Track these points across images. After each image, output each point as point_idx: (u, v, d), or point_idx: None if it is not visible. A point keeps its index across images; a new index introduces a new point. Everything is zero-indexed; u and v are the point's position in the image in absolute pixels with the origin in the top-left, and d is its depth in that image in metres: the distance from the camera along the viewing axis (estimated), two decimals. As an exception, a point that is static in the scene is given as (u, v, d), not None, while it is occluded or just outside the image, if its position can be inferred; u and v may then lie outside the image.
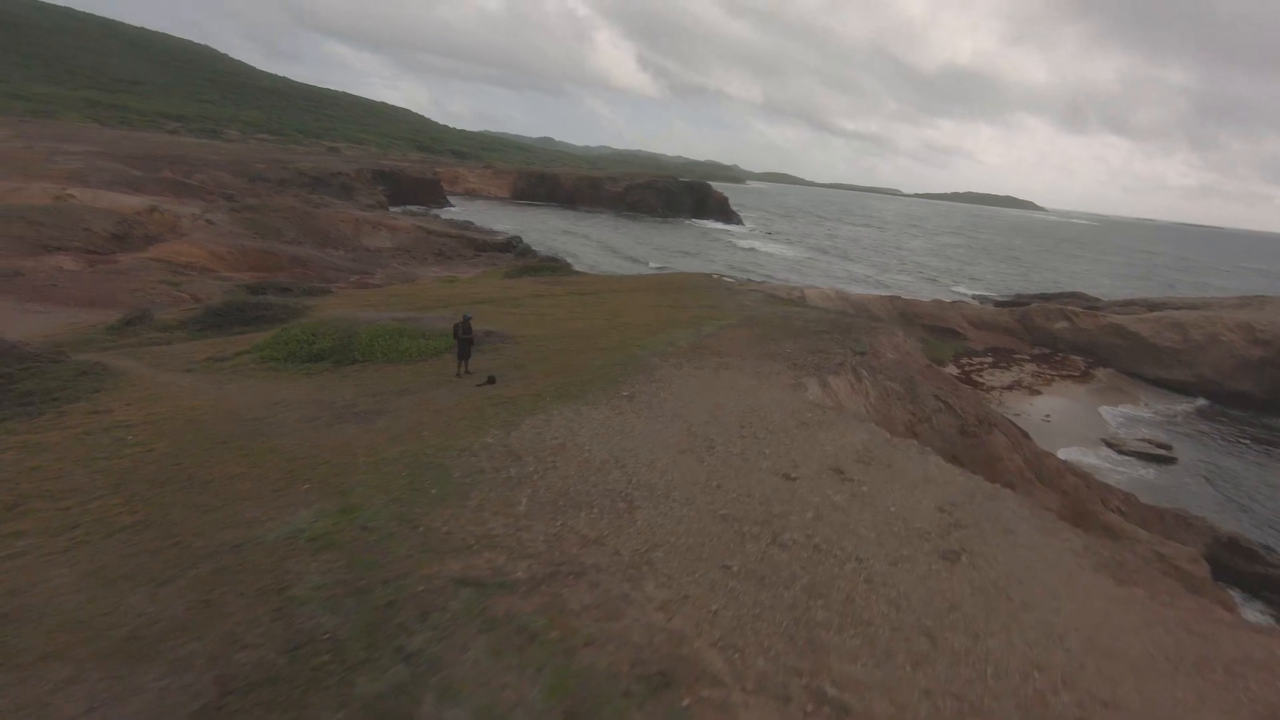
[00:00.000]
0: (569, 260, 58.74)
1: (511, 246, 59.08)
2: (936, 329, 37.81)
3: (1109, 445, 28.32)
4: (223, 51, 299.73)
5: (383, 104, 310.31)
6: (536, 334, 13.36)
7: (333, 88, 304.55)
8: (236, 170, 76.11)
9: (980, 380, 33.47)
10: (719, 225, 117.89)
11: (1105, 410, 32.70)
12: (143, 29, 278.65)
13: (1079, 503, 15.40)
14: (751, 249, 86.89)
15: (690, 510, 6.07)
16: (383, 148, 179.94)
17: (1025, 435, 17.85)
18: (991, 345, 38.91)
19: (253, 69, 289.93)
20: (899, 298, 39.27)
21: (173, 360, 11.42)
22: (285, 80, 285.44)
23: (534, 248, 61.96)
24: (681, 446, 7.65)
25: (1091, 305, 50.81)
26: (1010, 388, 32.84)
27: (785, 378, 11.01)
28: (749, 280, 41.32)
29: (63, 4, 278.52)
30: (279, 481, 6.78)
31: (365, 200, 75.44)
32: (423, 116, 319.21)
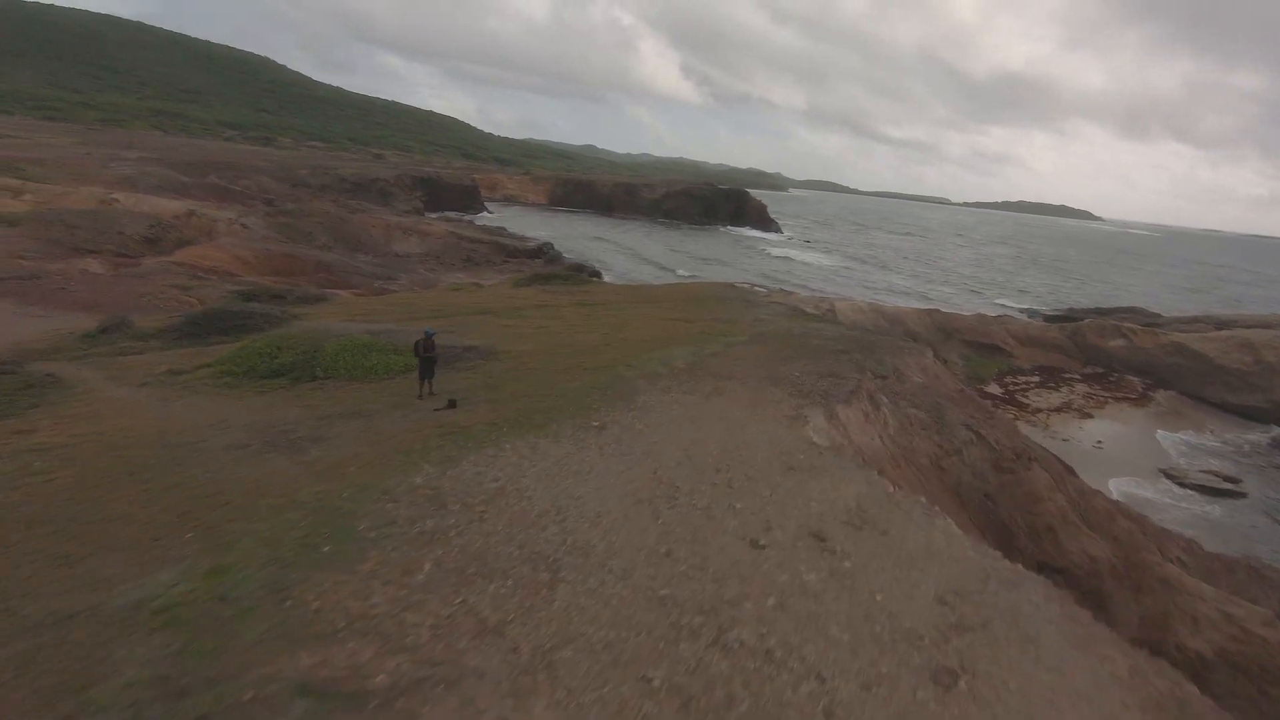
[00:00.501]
0: (597, 267, 58.17)
1: (541, 253, 58.71)
2: (979, 345, 35.61)
3: (1168, 477, 25.87)
4: (281, 63, 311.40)
5: (429, 112, 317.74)
6: (524, 349, 12.38)
7: (383, 97, 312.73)
8: (280, 176, 77.98)
9: (1025, 401, 31.22)
10: (756, 233, 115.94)
11: (1164, 437, 30.08)
12: (207, 42, 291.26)
13: (1132, 551, 13.58)
14: (786, 257, 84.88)
15: (624, 588, 4.92)
16: (427, 154, 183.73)
17: (1070, 471, 16.02)
18: (1039, 363, 36.45)
19: (308, 79, 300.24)
20: (938, 311, 37.17)
21: (133, 372, 10.82)
22: (338, 90, 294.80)
23: (564, 254, 61.51)
24: (640, 495, 6.49)
25: (1151, 322, 47.50)
26: (1059, 410, 30.51)
27: (785, 407, 9.72)
28: (778, 290, 39.70)
29: (135, 19, 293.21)
30: (164, 527, 5.88)
31: (402, 206, 76.33)
32: (467, 124, 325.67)
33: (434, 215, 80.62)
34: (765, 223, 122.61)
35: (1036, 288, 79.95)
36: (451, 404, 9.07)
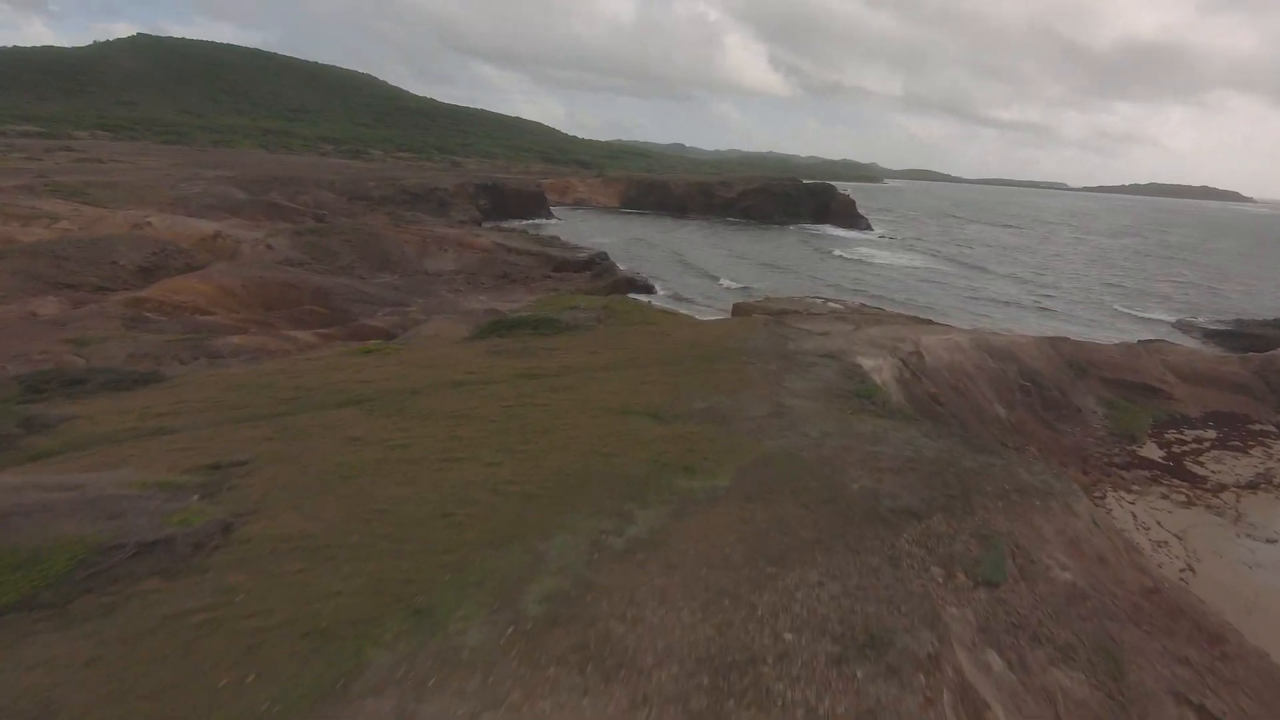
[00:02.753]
0: (650, 280, 52.43)
1: (592, 265, 53.65)
2: (1124, 385, 26.90)
3: None
4: (381, 79, 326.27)
5: (516, 118, 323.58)
6: (289, 532, 6.75)
7: (477, 105, 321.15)
8: (344, 189, 77.42)
9: (1200, 470, 22.51)
10: (840, 231, 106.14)
11: None
12: (315, 63, 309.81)
13: None
14: (866, 260, 75.47)
15: None
16: (509, 160, 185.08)
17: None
18: (1213, 409, 27.16)
19: (404, 92, 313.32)
20: (1065, 340, 28.62)
21: None
22: (430, 101, 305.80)
23: (617, 265, 56.17)
24: None
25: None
26: (1254, 486, 21.61)
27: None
28: (838, 309, 32.23)
29: (251, 46, 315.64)
30: None
31: (459, 216, 73.86)
32: (551, 128, 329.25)
33: (493, 224, 77.67)
34: (853, 219, 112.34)
35: (1187, 293, 66.48)
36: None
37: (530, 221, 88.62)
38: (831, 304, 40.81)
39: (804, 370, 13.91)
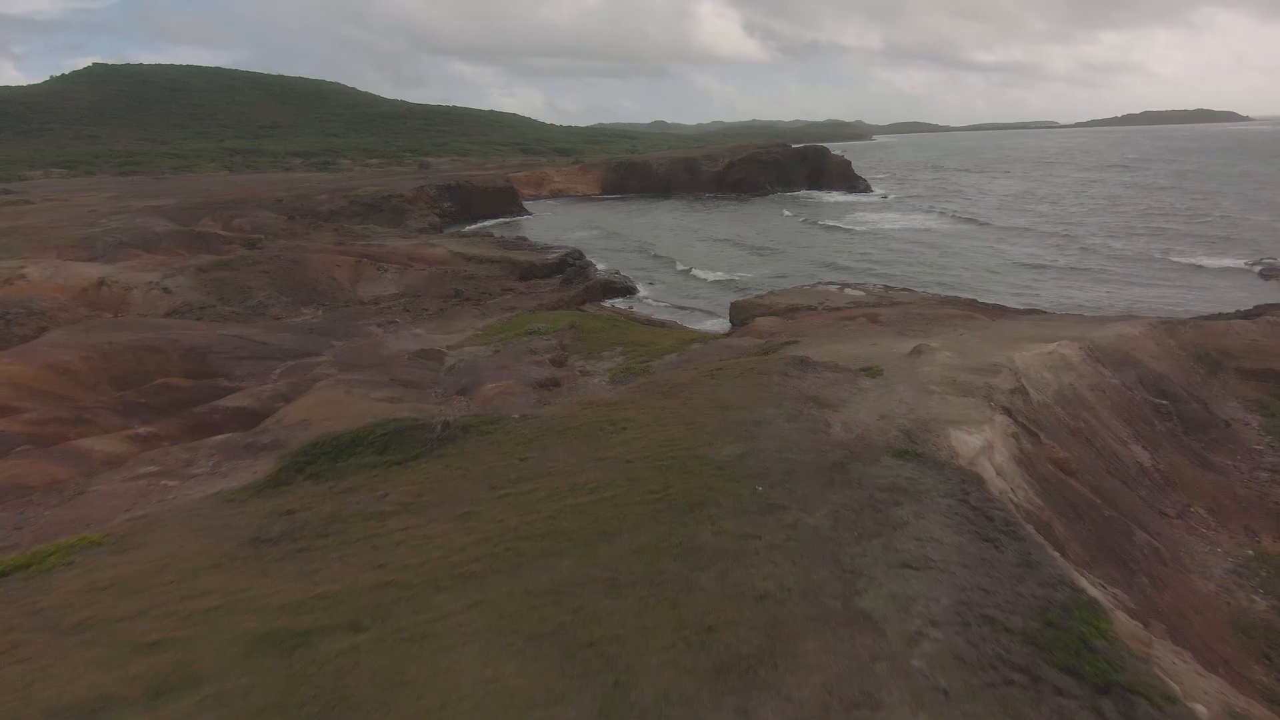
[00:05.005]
0: (631, 278, 45.11)
1: (564, 266, 46.43)
2: (1273, 376, 19.68)
3: None
4: (356, 86, 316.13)
5: (491, 112, 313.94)
6: None
7: (454, 104, 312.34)
8: (292, 207, 70.20)
9: None
10: (839, 196, 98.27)
11: None
12: (281, 76, 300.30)
13: None
14: (871, 230, 67.76)
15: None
16: (485, 156, 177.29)
17: None
18: (1395, 399, 19.95)
19: (374, 97, 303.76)
20: (1180, 323, 21.24)
21: None
22: (402, 104, 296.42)
23: (594, 264, 48.93)
24: None
25: None
26: None
27: None
28: (859, 296, 24.46)
29: (214, 65, 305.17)
30: None
31: (416, 224, 66.45)
32: (528, 119, 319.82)
33: (455, 230, 70.33)
34: (851, 182, 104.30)
35: (1241, 228, 58.69)
36: None
37: (501, 220, 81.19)
38: (849, 291, 33.56)
39: (880, 520, 6.80)
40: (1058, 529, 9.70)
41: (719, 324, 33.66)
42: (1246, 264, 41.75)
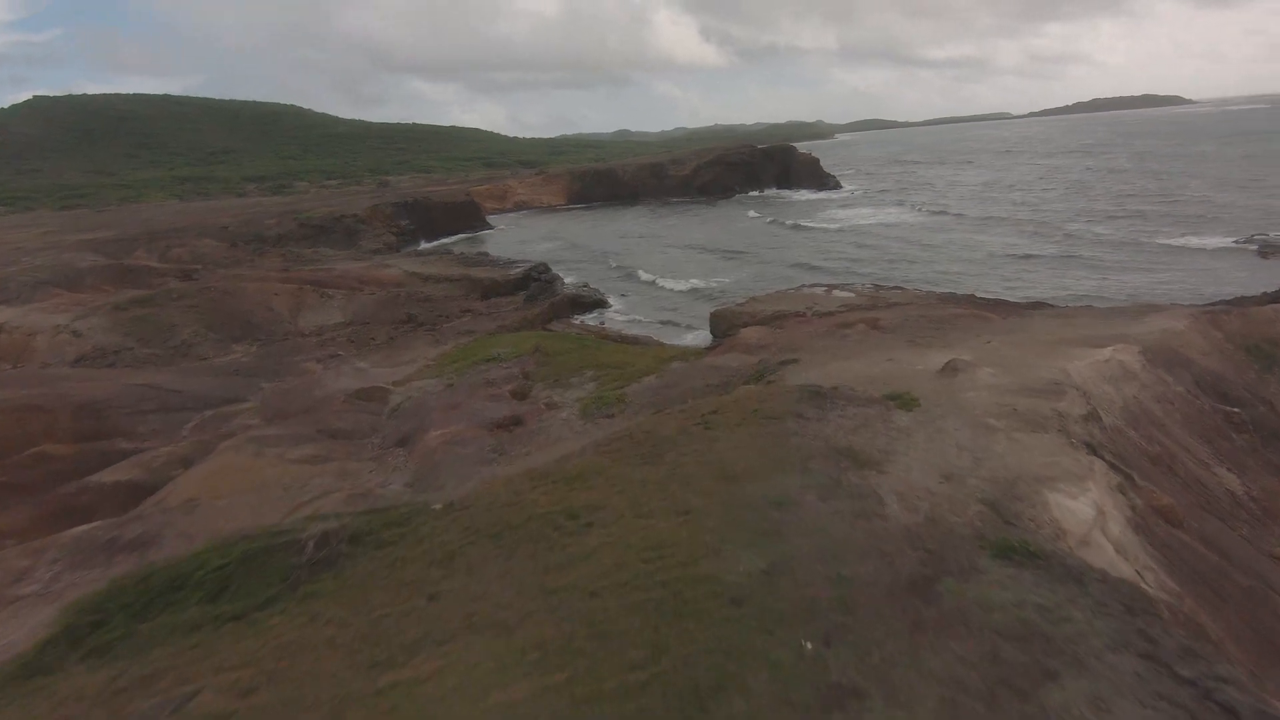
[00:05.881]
0: (602, 291, 42.01)
1: (529, 281, 43.30)
2: (1330, 368, 17.35)
3: None
4: (313, 108, 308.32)
5: (452, 128, 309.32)
6: None
7: (415, 121, 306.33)
8: (237, 233, 66.04)
9: None
10: (809, 194, 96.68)
11: None
12: (234, 101, 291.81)
13: None
14: (846, 227, 65.90)
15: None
16: (448, 172, 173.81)
17: None
18: None
19: (331, 118, 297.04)
20: (1220, 313, 18.91)
21: None
22: (360, 123, 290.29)
23: (561, 277, 45.92)
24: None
25: None
26: None
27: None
28: (850, 299, 21.76)
29: (161, 93, 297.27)
30: None
31: (370, 244, 62.72)
32: (491, 132, 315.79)
33: (412, 249, 66.81)
34: (820, 179, 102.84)
35: (1217, 206, 57.83)
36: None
37: (462, 236, 77.76)
38: (838, 292, 30.97)
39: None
40: (1205, 622, 6.93)
41: (698, 337, 30.85)
42: (1236, 242, 40.28)
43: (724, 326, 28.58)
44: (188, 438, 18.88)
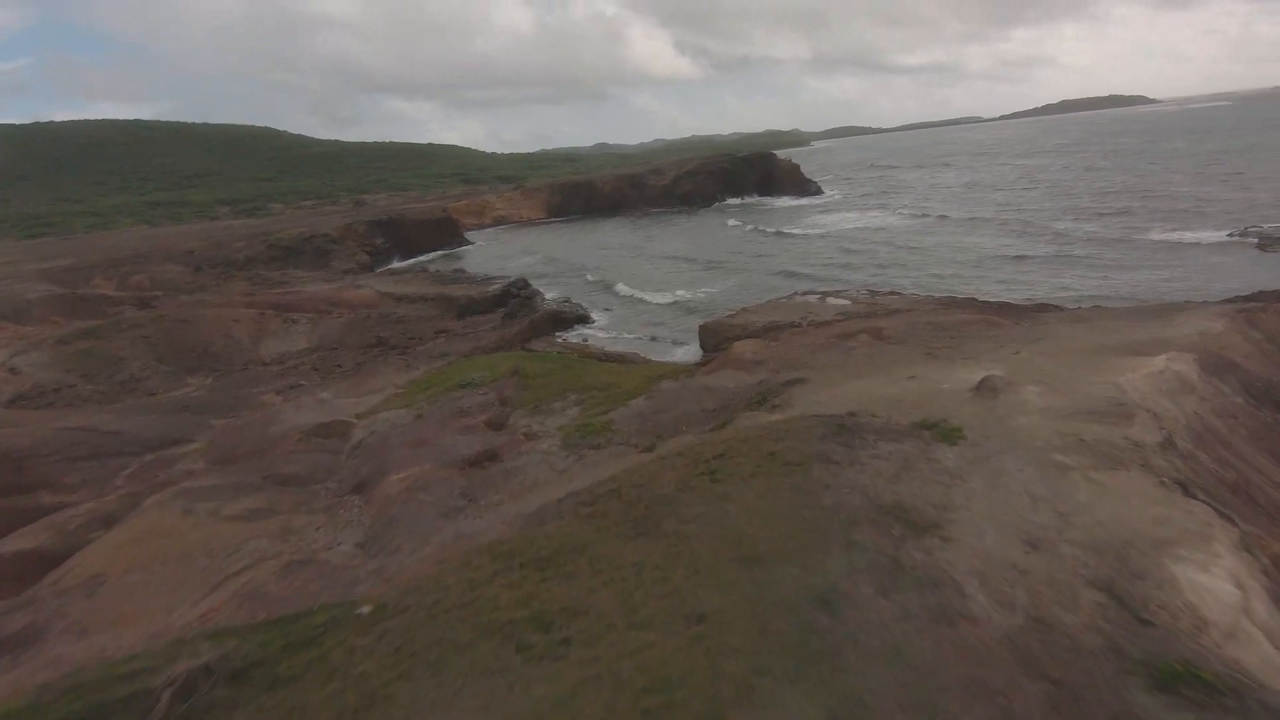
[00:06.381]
0: (586, 309, 40.15)
1: (507, 298, 41.36)
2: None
3: None
4: (292, 130, 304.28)
5: (429, 145, 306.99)
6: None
7: (393, 140, 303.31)
8: (204, 257, 63.68)
9: None
10: (794, 201, 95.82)
11: None
12: (206, 124, 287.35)
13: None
14: (831, 233, 64.80)
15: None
16: (426, 189, 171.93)
17: None
18: None
19: (307, 139, 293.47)
20: (1256, 309, 17.47)
21: None
22: (337, 143, 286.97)
23: (540, 292, 44.06)
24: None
25: None
26: None
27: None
28: (845, 306, 20.04)
29: (132, 118, 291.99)
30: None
31: (342, 264, 60.48)
32: (468, 149, 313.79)
33: (385, 268, 64.69)
34: (802, 185, 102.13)
35: (1202, 201, 57.36)
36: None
37: (439, 254, 75.67)
38: (832, 300, 29.41)
39: None
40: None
41: (687, 352, 29.12)
42: (1231, 235, 39.42)
43: (715, 340, 26.90)
44: (121, 489, 16.72)
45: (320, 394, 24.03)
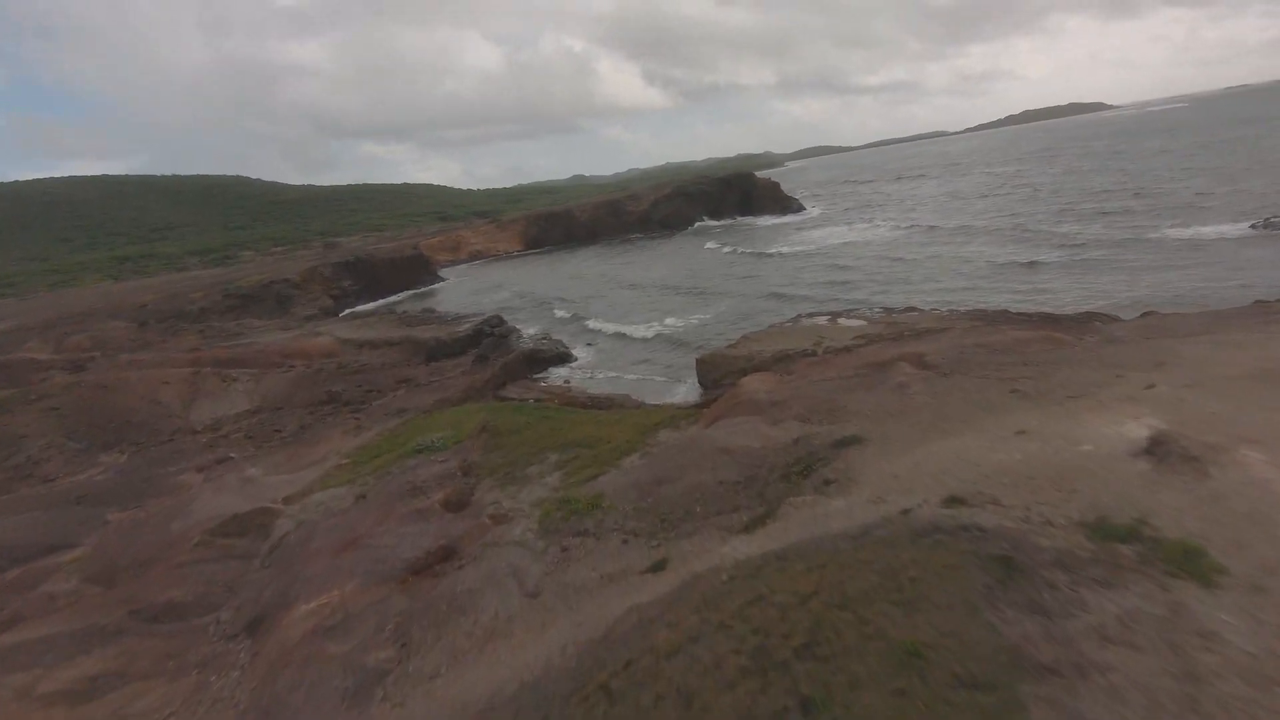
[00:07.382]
0: (566, 347, 36.33)
1: (480, 338, 37.54)
2: None
3: None
4: (266, 179, 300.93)
5: (404, 185, 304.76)
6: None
7: (368, 182, 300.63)
8: (157, 310, 59.20)
9: None
10: (776, 219, 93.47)
11: None
12: (176, 176, 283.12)
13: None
14: (820, 249, 61.93)
15: None
16: (401, 228, 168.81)
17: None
18: None
19: (281, 185, 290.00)
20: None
21: None
22: (309, 188, 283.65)
23: (517, 328, 40.33)
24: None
25: None
26: None
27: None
28: (862, 327, 16.75)
29: (99, 174, 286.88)
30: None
31: (304, 310, 56.34)
32: (443, 186, 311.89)
33: (350, 311, 60.73)
34: (783, 203, 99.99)
35: (1203, 195, 55.28)
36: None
37: (410, 293, 71.86)
38: (845, 321, 25.91)
39: None
40: None
41: (684, 391, 25.38)
42: (1253, 227, 36.85)
43: (716, 374, 23.24)
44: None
45: (249, 470, 19.91)
